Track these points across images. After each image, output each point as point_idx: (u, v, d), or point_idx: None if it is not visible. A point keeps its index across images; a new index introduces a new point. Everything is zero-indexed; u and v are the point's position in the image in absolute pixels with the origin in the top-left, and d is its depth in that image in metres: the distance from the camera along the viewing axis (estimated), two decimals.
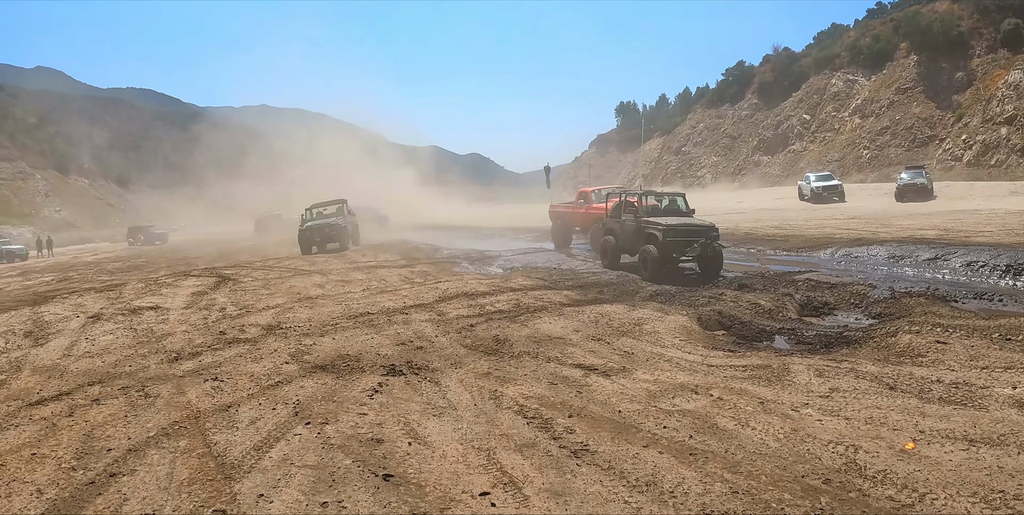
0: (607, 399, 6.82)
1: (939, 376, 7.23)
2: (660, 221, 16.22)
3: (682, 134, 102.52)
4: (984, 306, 11.38)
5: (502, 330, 10.18)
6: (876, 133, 66.75)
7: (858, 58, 77.05)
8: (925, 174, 41.09)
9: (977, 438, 5.56)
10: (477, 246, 28.37)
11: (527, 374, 7.81)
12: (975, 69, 62.45)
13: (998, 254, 15.39)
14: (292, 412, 6.76)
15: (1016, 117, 52.66)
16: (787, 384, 7.24)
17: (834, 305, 12.39)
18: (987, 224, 22.25)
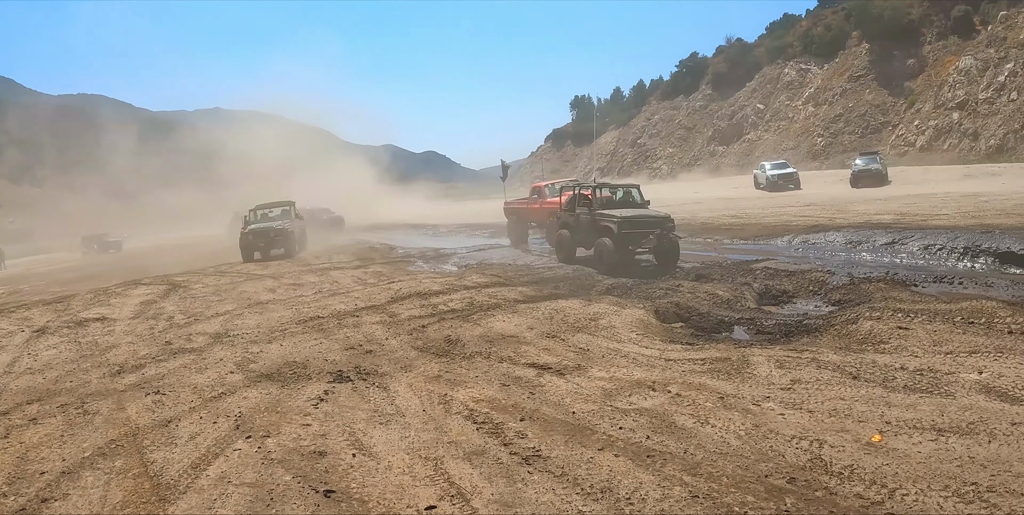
0: (561, 400, 6.67)
1: (903, 363, 7.12)
2: (615, 213, 16.11)
3: (637, 126, 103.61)
4: (944, 289, 11.37)
5: (454, 330, 10.05)
6: (830, 121, 68.12)
7: (810, 47, 78.78)
8: (879, 160, 41.68)
9: (946, 427, 5.42)
10: (432, 244, 28.29)
11: (479, 376, 7.66)
12: (926, 56, 64.25)
13: (955, 237, 15.50)
14: (233, 425, 6.53)
15: (967, 102, 54.17)
16: (747, 377, 7.09)
17: (793, 293, 12.36)
18: (943, 207, 22.54)
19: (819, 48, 77.38)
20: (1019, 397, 5.98)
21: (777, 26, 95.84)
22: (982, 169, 40.71)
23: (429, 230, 39.82)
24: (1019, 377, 6.43)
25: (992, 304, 9.25)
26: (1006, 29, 56.26)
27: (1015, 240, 14.42)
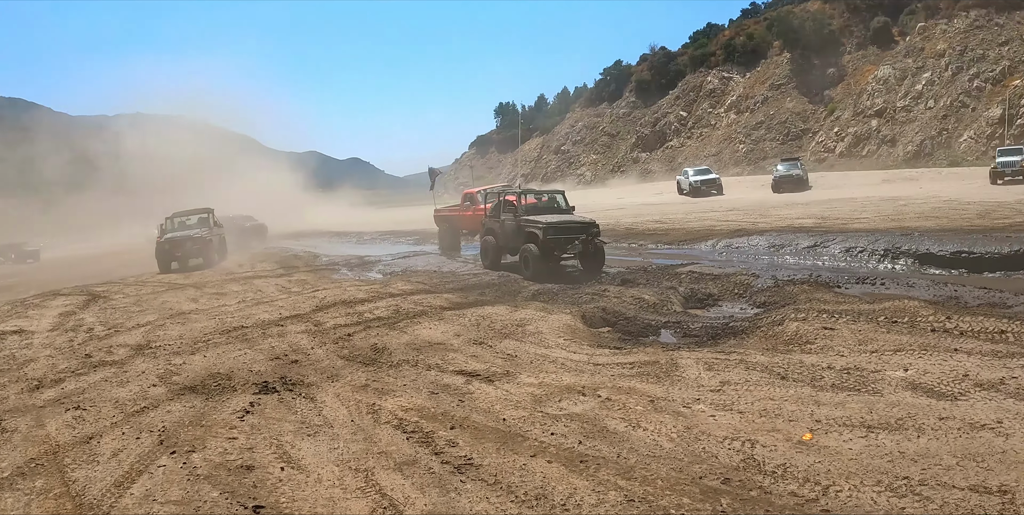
0: (491, 407, 6.65)
1: (830, 362, 7.27)
2: (540, 219, 16.16)
3: (561, 133, 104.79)
4: (867, 290, 11.70)
5: (381, 338, 9.97)
6: (751, 128, 70.12)
7: (733, 56, 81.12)
8: (800, 165, 42.94)
9: (875, 424, 5.54)
10: (357, 252, 27.97)
11: (407, 384, 7.59)
12: (846, 65, 66.97)
13: (876, 239, 16.05)
14: (157, 441, 6.33)
15: (886, 110, 56.64)
16: (676, 380, 7.14)
17: (718, 296, 12.55)
18: (863, 211, 23.30)
19: (741, 57, 79.79)
20: (945, 393, 6.16)
21: (700, 35, 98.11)
22: (900, 174, 42.38)
23: (353, 237, 39.37)
24: (944, 373, 6.62)
25: (914, 304, 9.57)
26: (924, 40, 59.08)
27: (934, 242, 15.02)
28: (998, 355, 7.13)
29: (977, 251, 14.05)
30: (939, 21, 59.06)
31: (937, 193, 28.49)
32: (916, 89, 55.87)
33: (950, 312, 9.05)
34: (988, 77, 51.26)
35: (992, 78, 51.01)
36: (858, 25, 68.29)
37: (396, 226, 42.75)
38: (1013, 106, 46.91)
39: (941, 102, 53.17)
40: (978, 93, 51.20)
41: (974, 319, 8.55)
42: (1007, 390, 6.11)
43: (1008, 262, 13.46)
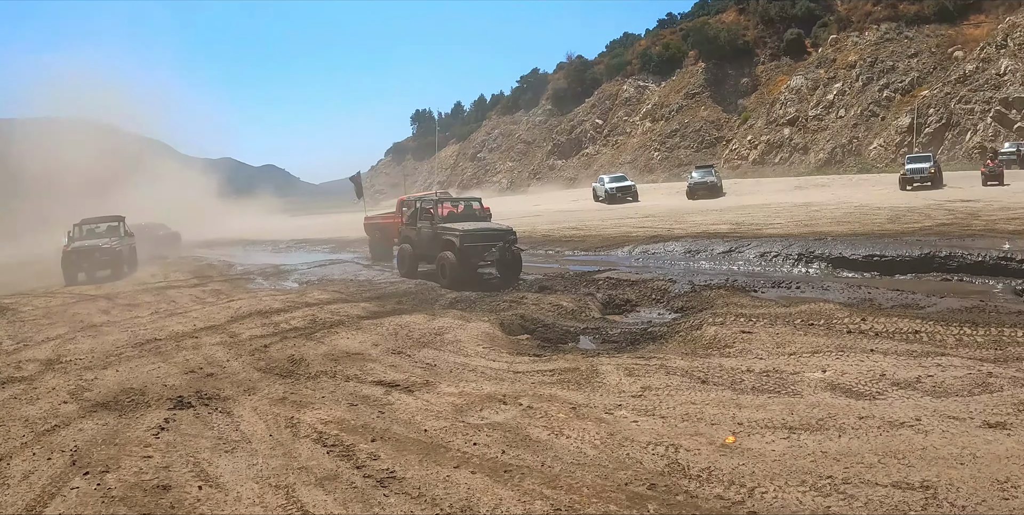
0: (412, 418, 6.60)
1: (749, 366, 7.39)
2: (456, 227, 16.13)
3: (477, 140, 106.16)
4: (783, 294, 12.00)
5: (298, 349, 9.84)
6: (666, 136, 72.01)
7: (649, 65, 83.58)
8: (714, 172, 43.95)
9: (796, 425, 5.64)
10: (273, 260, 27.48)
11: (325, 396, 7.50)
12: (759, 75, 69.65)
13: (790, 244, 16.51)
14: (69, 461, 6.06)
15: (798, 118, 58.88)
16: (597, 386, 7.17)
17: (636, 302, 12.69)
18: (776, 217, 23.97)
19: (657, 66, 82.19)
20: (863, 392, 6.32)
21: (617, 44, 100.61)
22: (812, 181, 43.86)
23: (269, 246, 38.62)
24: (861, 374, 6.81)
25: (830, 306, 9.84)
26: (835, 51, 61.64)
27: (846, 246, 15.52)
28: (913, 354, 7.36)
29: (889, 254, 14.52)
30: (851, 33, 61.71)
31: (848, 199, 29.49)
32: (828, 99, 58.08)
33: (865, 314, 9.34)
34: (898, 87, 53.57)
35: (901, 88, 53.31)
36: (772, 36, 71.16)
37: (312, 234, 42.27)
38: (921, 115, 49.02)
39: (852, 111, 55.32)
40: (888, 103, 53.44)
41: (888, 320, 8.84)
42: (923, 388, 6.32)
43: (918, 264, 13.98)
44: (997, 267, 13.21)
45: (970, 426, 5.40)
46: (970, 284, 12.74)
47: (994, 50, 49.11)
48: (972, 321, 8.70)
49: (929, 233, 16.63)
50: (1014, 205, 21.28)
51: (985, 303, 10.02)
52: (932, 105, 49.37)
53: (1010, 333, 8.06)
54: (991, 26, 51.79)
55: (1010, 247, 13.95)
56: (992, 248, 13.98)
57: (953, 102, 48.32)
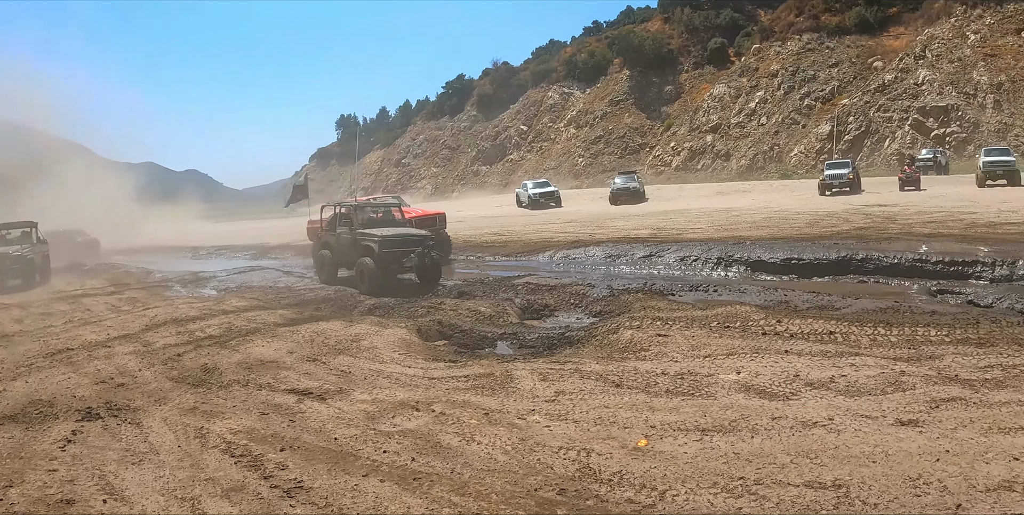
0: (322, 426, 6.54)
1: (664, 369, 7.39)
2: (375, 233, 16.07)
3: (402, 146, 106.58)
4: (700, 297, 12.12)
5: (212, 358, 9.69)
6: (591, 142, 73.16)
7: (574, 72, 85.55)
8: (637, 178, 44.51)
9: (709, 427, 5.65)
10: (192, 267, 26.81)
11: (236, 405, 7.39)
12: (683, 83, 71.82)
13: (709, 248, 16.72)
14: None
15: (720, 126, 60.37)
16: (511, 391, 7.12)
17: (555, 307, 12.70)
18: (697, 222, 24.30)
19: (582, 73, 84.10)
20: (776, 393, 6.37)
21: (543, 51, 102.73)
22: (733, 187, 44.81)
23: (189, 252, 37.71)
24: (775, 375, 6.86)
25: (746, 309, 9.94)
26: (758, 61, 63.50)
27: (765, 250, 15.81)
28: (827, 355, 7.46)
29: (806, 258, 14.84)
30: (773, 43, 63.80)
31: (768, 204, 30.09)
32: (750, 107, 59.64)
33: (780, 316, 9.46)
34: (818, 96, 55.36)
35: (822, 97, 55.08)
36: (696, 45, 73.64)
37: (234, 240, 41.45)
38: (841, 123, 50.60)
39: (773, 119, 56.86)
40: (808, 111, 55.16)
41: (804, 322, 8.96)
42: (837, 388, 6.39)
43: (835, 267, 14.32)
44: (912, 269, 13.58)
45: (882, 424, 5.47)
46: (886, 285, 13.06)
47: (913, 61, 51.10)
48: (886, 321, 8.88)
49: (847, 237, 17.02)
50: (929, 209, 21.95)
51: (900, 304, 10.27)
52: (852, 113, 51.03)
53: (923, 332, 8.24)
54: (910, 38, 54.10)
55: (927, 249, 14.33)
56: (908, 251, 14.34)
57: (872, 110, 50.02)
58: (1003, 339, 7.78)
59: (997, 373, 6.64)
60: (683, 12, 76.25)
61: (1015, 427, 5.32)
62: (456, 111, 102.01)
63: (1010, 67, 46.33)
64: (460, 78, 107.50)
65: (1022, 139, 42.45)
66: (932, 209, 21.94)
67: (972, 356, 7.21)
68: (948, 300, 11.27)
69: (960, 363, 7.00)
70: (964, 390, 6.17)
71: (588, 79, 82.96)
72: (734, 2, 75.43)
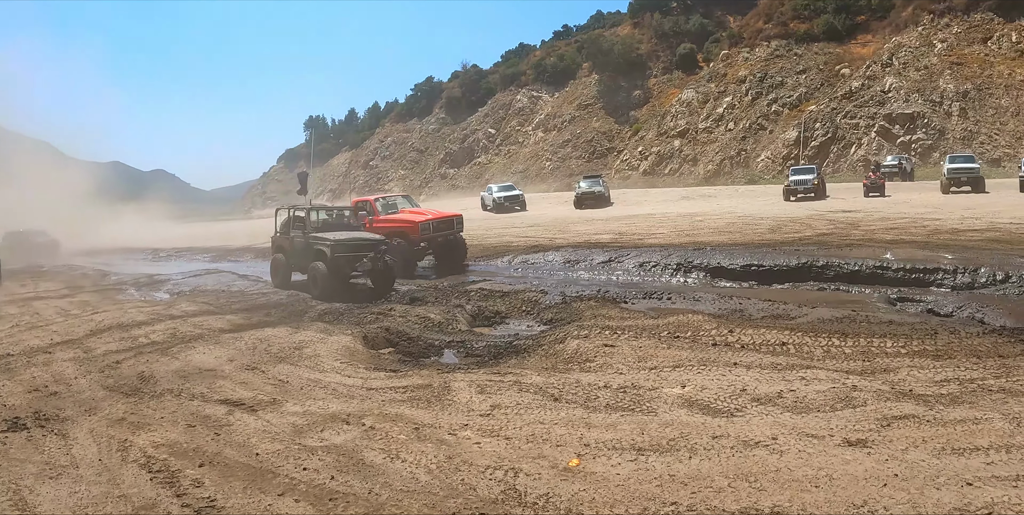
0: (247, 440, 6.33)
1: (607, 381, 7.11)
2: (328, 236, 15.85)
3: (370, 148, 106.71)
4: (653, 305, 11.83)
5: (150, 365, 9.49)
6: (558, 146, 73.48)
7: (543, 76, 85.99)
8: (602, 182, 44.38)
9: (646, 446, 5.37)
10: (150, 270, 26.40)
11: (165, 417, 7.18)
12: (652, 88, 72.34)
13: (669, 254, 16.52)
14: None
15: (688, 131, 60.77)
16: (447, 404, 6.87)
17: (506, 314, 12.46)
18: (660, 226, 24.18)
19: (551, 77, 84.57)
20: (721, 409, 6.07)
21: (512, 54, 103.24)
22: (698, 191, 45.03)
23: (150, 254, 37.27)
24: (721, 389, 6.57)
25: (698, 318, 9.64)
26: (727, 66, 64.05)
27: (725, 256, 15.63)
28: (777, 368, 7.17)
29: (766, 264, 14.66)
30: (742, 49, 64.44)
31: (733, 209, 30.19)
32: (717, 112, 59.99)
33: (733, 325, 9.16)
34: (786, 102, 55.72)
35: (789, 103, 55.46)
36: (665, 50, 74.29)
37: (196, 242, 41.19)
38: (808, 129, 50.92)
39: (741, 124, 57.20)
40: (776, 117, 55.51)
41: (756, 332, 8.67)
42: (784, 404, 6.11)
43: (795, 274, 14.15)
44: (874, 276, 13.47)
45: (828, 445, 5.19)
46: (846, 293, 12.87)
47: (880, 68, 51.60)
48: (842, 331, 8.62)
49: (809, 243, 16.97)
50: (893, 215, 22.04)
51: (857, 313, 9.98)
52: (819, 119, 51.29)
53: (879, 343, 7.98)
54: (877, 45, 54.70)
55: (889, 256, 14.23)
56: (870, 257, 14.22)
57: (839, 117, 50.32)
58: (961, 351, 7.54)
59: (953, 388, 6.38)
60: (653, 17, 77.07)
61: (969, 447, 5.07)
62: (425, 113, 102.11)
63: (976, 75, 46.93)
64: (429, 80, 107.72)
65: (987, 146, 42.97)
66: (896, 215, 22.02)
67: (928, 369, 6.96)
68: (907, 309, 11.07)
69: (915, 377, 6.74)
70: (917, 407, 5.90)
71: (557, 83, 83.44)
72: (704, 8, 76.43)
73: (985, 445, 5.09)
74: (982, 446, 5.08)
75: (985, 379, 6.58)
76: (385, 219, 19.68)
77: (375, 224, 19.29)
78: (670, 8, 78.40)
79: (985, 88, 46.01)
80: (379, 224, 19.32)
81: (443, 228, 19.73)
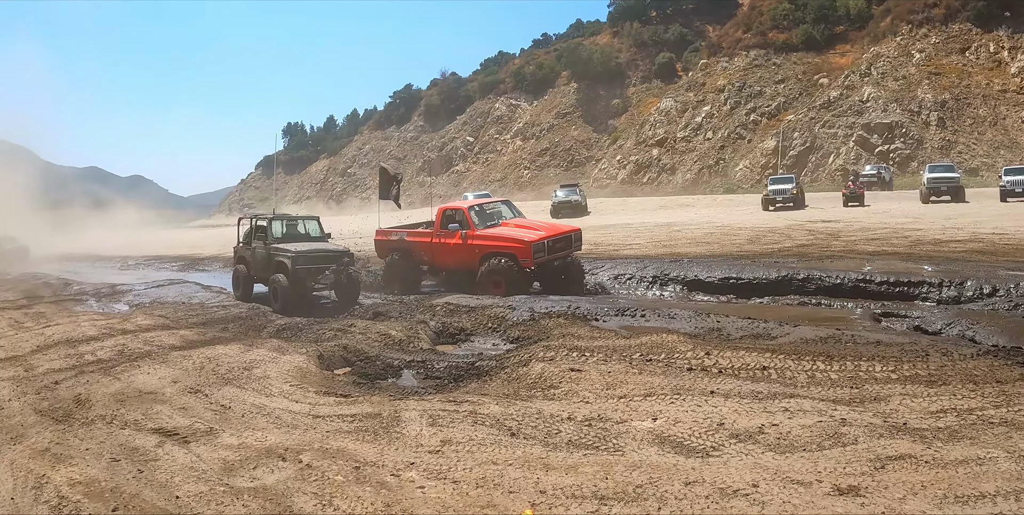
0: (170, 479, 5.76)
1: (571, 412, 6.46)
2: (289, 248, 15.36)
3: (348, 155, 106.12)
4: (626, 323, 11.14)
5: (89, 386, 8.93)
6: (536, 154, 73.65)
7: (522, 84, 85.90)
8: (579, 191, 44.09)
9: (609, 494, 4.74)
10: (114, 279, 25.78)
11: (91, 448, 6.62)
12: (630, 96, 72.82)
13: (645, 266, 16.02)
14: None
15: (666, 139, 60.87)
16: (395, 437, 6.29)
17: (471, 330, 11.80)
18: (636, 237, 23.80)
19: (530, 85, 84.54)
20: (696, 447, 5.44)
21: (491, 62, 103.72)
22: (677, 201, 44.87)
23: (118, 262, 36.71)
24: (696, 422, 5.92)
25: (673, 338, 8.96)
26: (705, 76, 64.36)
27: (703, 268, 15.10)
28: (758, 397, 6.51)
29: (745, 277, 14.19)
30: (721, 59, 64.78)
31: (711, 219, 29.97)
32: (696, 121, 60.06)
33: (710, 346, 8.46)
34: (764, 111, 55.88)
35: (768, 112, 55.60)
36: (644, 59, 74.88)
37: (168, 250, 40.72)
38: (786, 138, 50.91)
39: (719, 134, 57.28)
40: (754, 126, 55.69)
41: (735, 354, 7.98)
42: (766, 441, 5.46)
43: (775, 287, 13.70)
44: (856, 289, 13.03)
45: (816, 493, 4.54)
46: (828, 308, 12.44)
47: (858, 78, 51.77)
48: (827, 354, 7.91)
49: (789, 254, 16.61)
50: (874, 226, 21.82)
51: (842, 332, 9.30)
52: (797, 129, 51.30)
53: (867, 368, 7.31)
54: (856, 55, 55.09)
55: (871, 268, 13.84)
56: (852, 270, 13.80)
57: (817, 126, 50.35)
58: (956, 376, 6.88)
59: (951, 420, 5.74)
60: (632, 26, 77.59)
61: (974, 494, 4.45)
62: (403, 121, 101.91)
63: (954, 85, 47.16)
64: (408, 88, 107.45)
65: (965, 156, 43.06)
66: (876, 225, 21.77)
67: (922, 397, 6.31)
68: (893, 326, 10.52)
69: (909, 407, 6.09)
70: (914, 444, 5.25)
71: (536, 91, 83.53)
72: (683, 17, 76.97)
73: (991, 491, 4.46)
74: (988, 492, 4.45)
75: (985, 409, 5.94)
76: (484, 235, 15.34)
77: (470, 241, 15.36)
78: (649, 17, 78.88)
79: (963, 98, 46.25)
80: (476, 241, 15.27)
81: (559, 247, 15.25)
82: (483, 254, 14.99)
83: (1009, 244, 16.62)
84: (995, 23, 49.38)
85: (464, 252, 15.40)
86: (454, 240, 15.54)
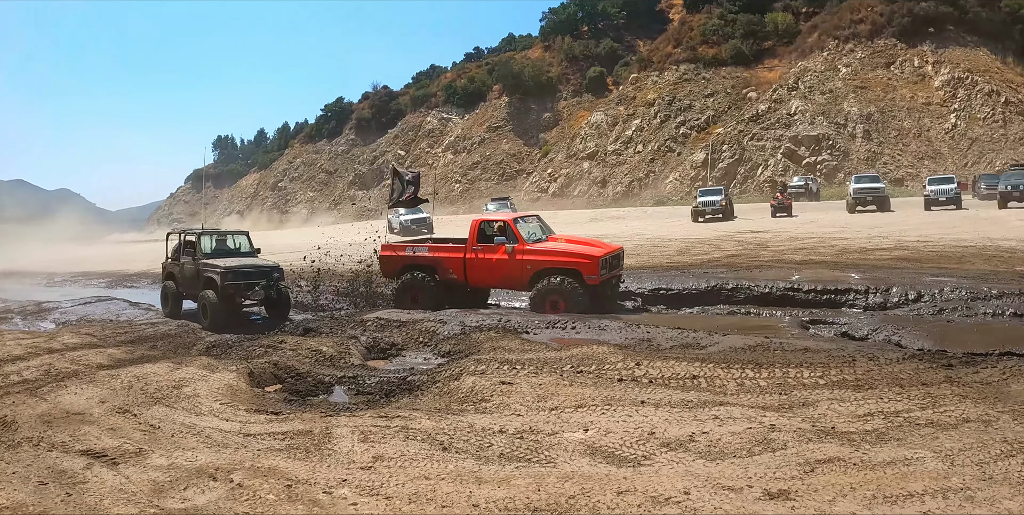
0: (99, 502, 5.64)
1: (503, 425, 6.47)
2: (218, 263, 15.17)
3: (279, 169, 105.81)
4: (556, 335, 11.13)
5: (15, 408, 8.73)
6: (468, 168, 74.28)
7: (453, 98, 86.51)
8: (510, 205, 44.30)
9: (542, 506, 4.74)
10: (40, 296, 24.99)
11: (17, 472, 6.47)
12: (561, 110, 74.04)
13: None
14: None
15: (597, 153, 61.71)
16: (327, 455, 6.24)
17: (403, 345, 11.72)
18: None
19: (462, 99, 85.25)
20: (627, 457, 5.49)
21: (423, 76, 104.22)
22: (607, 213, 45.40)
23: (44, 278, 35.64)
24: (627, 432, 5.97)
25: (603, 349, 9.03)
26: (636, 89, 65.51)
27: (633, 279, 15.37)
28: (688, 406, 6.60)
29: (675, 288, 14.41)
30: (651, 73, 66.14)
31: (642, 231, 30.33)
32: (627, 134, 61.03)
33: (640, 357, 8.55)
34: (694, 125, 57.15)
35: (697, 126, 56.86)
36: (575, 73, 76.23)
37: (95, 266, 39.73)
38: (715, 151, 52.02)
39: (649, 147, 58.27)
40: (684, 139, 56.86)
41: (665, 364, 8.08)
42: (696, 449, 5.54)
43: (705, 297, 13.93)
44: (784, 298, 13.32)
45: (747, 499, 4.61)
46: (757, 317, 12.66)
47: (786, 92, 53.27)
48: (755, 361, 8.08)
49: (718, 264, 16.87)
50: (802, 235, 22.27)
51: (770, 339, 9.49)
52: (726, 142, 52.48)
53: (795, 374, 7.47)
54: (784, 70, 56.72)
55: (799, 277, 14.13)
56: (780, 279, 14.07)
57: (746, 139, 51.57)
58: (882, 380, 7.08)
59: (878, 423, 5.91)
60: (564, 40, 78.99)
61: (902, 494, 4.57)
62: (334, 134, 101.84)
63: (879, 99, 48.83)
64: (339, 101, 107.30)
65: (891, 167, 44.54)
66: (804, 235, 22.24)
67: (849, 402, 6.47)
68: (821, 333, 10.80)
69: (836, 411, 6.24)
70: (842, 447, 5.38)
71: (467, 105, 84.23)
72: (614, 32, 78.69)
73: (919, 490, 4.59)
74: (916, 491, 4.58)
75: (911, 411, 6.12)
76: (539, 250, 13.96)
77: (519, 256, 13.88)
78: (580, 32, 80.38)
79: (888, 111, 47.95)
80: (528, 256, 13.80)
81: (614, 264, 14.14)
82: (536, 271, 13.69)
83: (933, 251, 17.15)
84: (919, 38, 51.37)
85: (511, 268, 14.07)
86: (498, 255, 14.17)
